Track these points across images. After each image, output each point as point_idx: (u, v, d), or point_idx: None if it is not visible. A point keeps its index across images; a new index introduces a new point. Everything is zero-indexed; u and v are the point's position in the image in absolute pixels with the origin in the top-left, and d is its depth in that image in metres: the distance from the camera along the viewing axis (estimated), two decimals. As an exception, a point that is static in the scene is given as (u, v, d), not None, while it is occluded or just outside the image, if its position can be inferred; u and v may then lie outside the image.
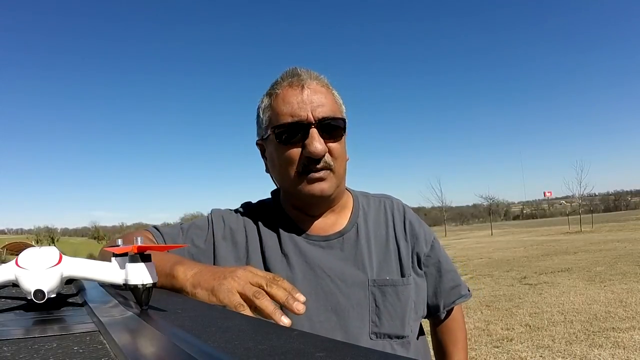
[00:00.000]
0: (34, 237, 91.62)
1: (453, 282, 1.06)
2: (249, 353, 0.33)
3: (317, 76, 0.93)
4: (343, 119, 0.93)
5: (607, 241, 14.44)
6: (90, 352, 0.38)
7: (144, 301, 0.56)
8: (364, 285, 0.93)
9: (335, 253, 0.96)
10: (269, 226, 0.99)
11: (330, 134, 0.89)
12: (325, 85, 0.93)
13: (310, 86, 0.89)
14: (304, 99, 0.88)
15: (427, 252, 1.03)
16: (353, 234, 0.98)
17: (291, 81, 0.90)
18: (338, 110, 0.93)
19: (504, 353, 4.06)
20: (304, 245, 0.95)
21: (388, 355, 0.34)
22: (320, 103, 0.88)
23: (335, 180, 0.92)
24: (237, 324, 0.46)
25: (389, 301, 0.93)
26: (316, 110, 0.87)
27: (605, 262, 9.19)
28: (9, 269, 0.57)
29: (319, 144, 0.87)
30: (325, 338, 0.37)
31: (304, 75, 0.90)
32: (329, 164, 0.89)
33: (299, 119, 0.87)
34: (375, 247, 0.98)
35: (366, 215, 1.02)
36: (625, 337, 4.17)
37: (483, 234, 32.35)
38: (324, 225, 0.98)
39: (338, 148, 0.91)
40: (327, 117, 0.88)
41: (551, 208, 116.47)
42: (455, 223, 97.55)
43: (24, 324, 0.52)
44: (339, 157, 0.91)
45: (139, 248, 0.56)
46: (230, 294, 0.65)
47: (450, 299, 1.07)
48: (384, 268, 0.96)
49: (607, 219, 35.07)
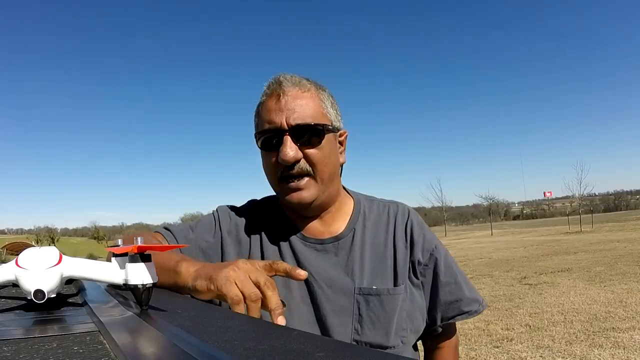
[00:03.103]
0: (34, 237, 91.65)
1: (452, 296, 1.01)
2: (249, 353, 0.33)
3: (299, 82, 0.92)
4: (322, 124, 0.91)
5: (607, 241, 14.45)
6: (90, 352, 0.38)
7: (144, 301, 0.56)
8: (349, 293, 0.93)
9: (329, 257, 0.96)
10: (269, 225, 1.01)
11: (307, 140, 0.89)
12: (308, 90, 0.92)
13: (289, 93, 0.90)
14: (280, 107, 0.89)
15: (425, 261, 1.00)
16: (349, 240, 0.98)
17: (272, 89, 0.92)
18: (320, 115, 0.91)
19: (504, 353, 4.06)
20: (299, 247, 0.97)
21: (388, 355, 0.34)
22: (297, 109, 0.89)
23: (317, 186, 0.92)
24: (237, 324, 0.46)
25: (372, 310, 0.92)
26: (291, 117, 0.88)
27: (605, 262, 9.19)
28: (9, 269, 0.57)
29: (289, 150, 0.87)
30: (325, 338, 0.37)
31: (284, 83, 0.91)
32: (305, 170, 0.90)
33: (274, 125, 0.89)
34: (370, 253, 0.97)
35: (366, 220, 1.01)
36: (625, 337, 4.17)
37: (483, 234, 32.37)
38: (321, 228, 0.99)
39: (316, 154, 0.90)
40: (302, 124, 0.88)
41: (551, 208, 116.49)
42: (455, 223, 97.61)
43: (24, 324, 0.52)
44: (318, 162, 0.90)
45: (139, 248, 0.56)
46: (228, 282, 0.65)
47: (448, 313, 1.01)
48: (377, 275, 0.95)
49: (607, 219, 35.10)
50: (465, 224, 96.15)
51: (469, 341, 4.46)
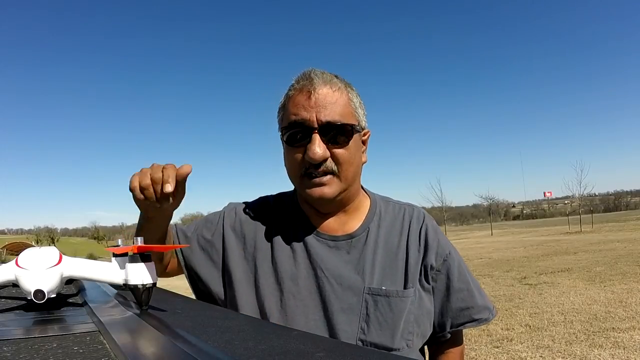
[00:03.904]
0: (34, 237, 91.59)
1: (464, 303, 1.00)
2: (249, 353, 0.33)
3: (330, 80, 0.91)
4: (351, 124, 0.90)
5: (607, 241, 14.44)
6: (90, 352, 0.38)
7: (144, 301, 0.56)
8: (359, 291, 0.92)
9: (341, 255, 0.96)
10: (282, 220, 1.01)
11: (335, 139, 0.89)
12: (339, 89, 0.91)
13: (320, 91, 0.89)
14: (310, 104, 0.88)
15: (437, 266, 0.99)
16: (362, 238, 0.97)
17: (302, 85, 0.91)
18: (349, 115, 0.91)
19: (504, 353, 4.06)
20: (312, 243, 0.96)
21: (388, 355, 0.34)
22: (328, 108, 0.88)
23: (340, 185, 0.92)
24: (237, 324, 0.46)
25: (380, 311, 0.92)
26: (321, 114, 0.87)
27: (605, 262, 9.19)
28: (9, 269, 0.57)
29: (318, 149, 0.87)
30: (325, 338, 0.37)
31: (315, 80, 0.90)
32: (330, 169, 0.89)
33: (303, 122, 0.88)
34: (382, 254, 0.97)
35: (381, 220, 1.00)
36: (625, 337, 4.17)
37: (483, 234, 32.37)
38: (335, 225, 0.98)
39: (343, 153, 0.90)
40: (331, 122, 0.88)
41: (551, 208, 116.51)
42: (456, 223, 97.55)
43: (24, 324, 0.52)
44: (344, 162, 0.90)
45: (139, 248, 0.56)
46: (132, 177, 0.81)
47: (458, 320, 1.00)
48: (387, 276, 0.95)
49: (607, 219, 35.07)
50: (465, 224, 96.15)
51: (469, 341, 4.46)
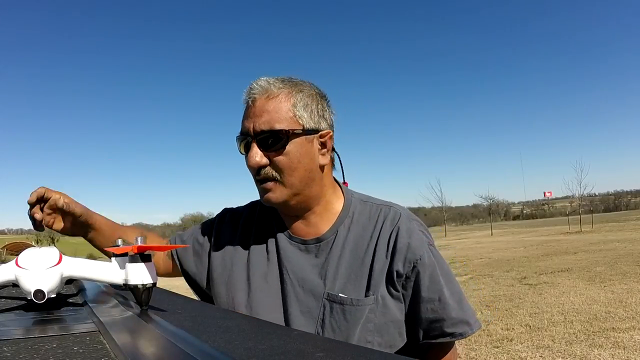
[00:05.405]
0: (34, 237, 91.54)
1: (433, 315, 0.92)
2: (249, 353, 0.33)
3: (268, 87, 0.92)
4: (288, 129, 0.90)
5: (607, 241, 14.44)
6: (90, 352, 0.38)
7: (144, 301, 0.56)
8: (319, 296, 0.93)
9: (310, 258, 0.96)
10: (263, 223, 1.04)
11: (272, 146, 0.90)
12: (277, 97, 0.91)
13: (257, 101, 0.92)
14: (249, 113, 0.92)
15: (405, 272, 0.92)
16: (330, 242, 0.96)
17: (246, 96, 0.95)
18: (287, 120, 0.90)
19: (504, 353, 4.06)
20: (284, 245, 0.98)
21: (388, 356, 0.34)
22: (263, 116, 0.90)
23: (284, 190, 0.92)
24: (237, 324, 0.46)
25: (334, 318, 0.91)
26: (256, 123, 0.90)
27: (605, 262, 9.19)
28: (9, 269, 0.57)
29: (253, 156, 0.90)
30: (325, 338, 0.37)
31: (254, 89, 0.93)
32: (270, 175, 0.91)
33: (246, 132, 0.92)
34: (349, 258, 0.94)
35: (352, 223, 0.97)
36: (625, 337, 4.17)
37: (483, 234, 32.36)
38: (305, 228, 0.99)
39: (281, 159, 0.90)
40: (265, 130, 0.90)
41: (551, 208, 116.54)
42: (455, 223, 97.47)
43: (24, 324, 0.52)
44: (284, 168, 0.91)
45: (139, 248, 0.56)
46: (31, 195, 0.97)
47: (429, 333, 0.93)
48: (351, 282, 0.93)
49: (607, 219, 35.03)
50: (465, 224, 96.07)
51: (469, 341, 4.46)
